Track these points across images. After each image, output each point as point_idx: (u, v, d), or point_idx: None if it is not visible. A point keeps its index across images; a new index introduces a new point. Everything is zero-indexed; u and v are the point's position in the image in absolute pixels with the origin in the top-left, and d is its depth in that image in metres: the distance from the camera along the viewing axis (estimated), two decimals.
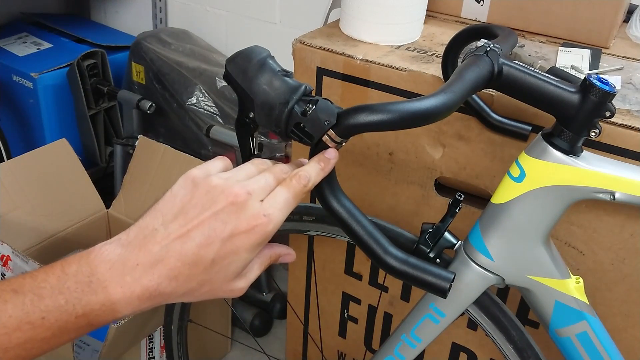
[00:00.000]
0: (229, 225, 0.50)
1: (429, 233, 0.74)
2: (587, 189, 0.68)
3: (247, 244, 0.50)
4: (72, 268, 0.47)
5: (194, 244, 0.49)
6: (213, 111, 1.67)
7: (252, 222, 0.50)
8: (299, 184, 0.54)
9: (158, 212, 0.51)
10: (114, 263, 0.48)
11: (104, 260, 0.48)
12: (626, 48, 1.04)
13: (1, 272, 1.22)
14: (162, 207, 0.51)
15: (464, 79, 0.61)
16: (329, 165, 0.57)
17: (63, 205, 1.53)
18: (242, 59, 0.60)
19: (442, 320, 0.80)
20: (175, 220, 0.50)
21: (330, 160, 0.57)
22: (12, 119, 1.86)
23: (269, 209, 0.52)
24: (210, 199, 0.51)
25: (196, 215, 0.50)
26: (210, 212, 0.50)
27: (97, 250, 0.49)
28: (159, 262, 0.48)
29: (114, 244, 0.49)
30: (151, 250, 0.49)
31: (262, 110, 0.59)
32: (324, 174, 0.57)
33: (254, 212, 0.51)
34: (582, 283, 0.75)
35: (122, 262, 0.48)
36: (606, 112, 0.65)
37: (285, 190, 0.54)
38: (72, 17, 2.18)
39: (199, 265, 0.49)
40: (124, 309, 0.48)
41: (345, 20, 1.04)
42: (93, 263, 0.48)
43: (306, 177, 0.55)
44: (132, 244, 0.49)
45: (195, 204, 0.50)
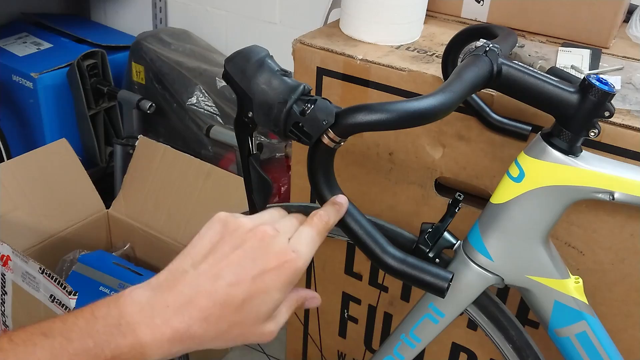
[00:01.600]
0: (259, 262, 0.49)
1: (429, 233, 0.74)
2: (587, 189, 0.68)
3: (278, 282, 0.50)
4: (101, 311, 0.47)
5: (225, 282, 0.48)
6: (213, 111, 1.68)
7: (281, 258, 0.50)
8: (321, 221, 0.55)
9: (187, 254, 0.51)
10: (143, 305, 0.47)
11: (133, 302, 0.47)
12: (626, 48, 1.03)
13: (1, 272, 1.22)
14: (191, 250, 0.51)
15: (463, 79, 0.61)
16: (343, 208, 0.60)
17: (63, 205, 1.54)
18: (241, 59, 0.60)
19: (442, 320, 0.80)
20: (205, 261, 0.50)
21: (342, 205, 0.60)
22: (12, 119, 1.86)
23: (297, 246, 0.52)
24: (239, 237, 0.51)
25: (225, 254, 0.50)
26: (239, 250, 0.50)
27: (127, 293, 0.48)
28: (190, 303, 0.48)
29: (144, 287, 0.49)
30: (181, 291, 0.48)
31: (261, 109, 0.59)
32: (340, 215, 0.59)
33: (283, 249, 0.51)
34: (581, 283, 0.75)
35: (152, 305, 0.47)
36: (605, 112, 0.65)
37: (309, 228, 0.54)
38: (72, 17, 2.18)
39: (230, 305, 0.48)
40: (153, 353, 0.47)
41: (345, 20, 1.04)
42: (122, 306, 0.47)
43: (326, 215, 0.56)
44: (161, 286, 0.49)
45: (224, 243, 0.50)
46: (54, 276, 1.09)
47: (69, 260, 1.51)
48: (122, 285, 1.43)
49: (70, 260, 1.51)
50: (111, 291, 1.42)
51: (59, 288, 1.08)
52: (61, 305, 1.09)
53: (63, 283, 1.07)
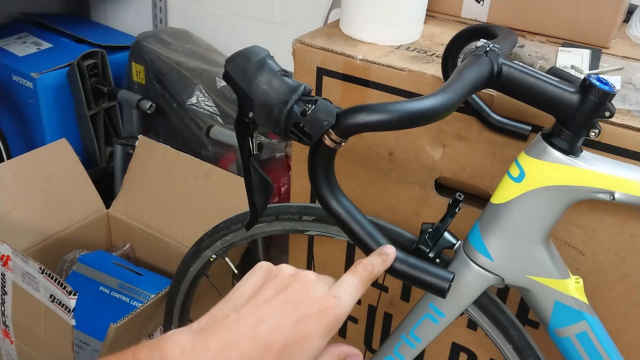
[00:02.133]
0: (301, 307, 0.49)
1: (429, 233, 0.74)
2: (587, 189, 0.68)
3: (319, 328, 0.49)
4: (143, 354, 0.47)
5: (266, 327, 0.48)
6: (213, 111, 1.68)
7: (322, 303, 0.50)
8: (365, 270, 0.55)
9: (229, 299, 0.51)
10: (184, 349, 0.47)
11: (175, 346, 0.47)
12: (626, 48, 1.03)
13: (1, 272, 1.22)
14: (233, 295, 0.51)
15: (464, 79, 0.61)
16: (389, 259, 0.59)
17: (63, 205, 1.54)
18: (242, 59, 0.60)
19: (442, 320, 0.80)
20: (247, 305, 0.50)
21: (389, 255, 0.59)
22: (12, 119, 1.86)
23: (338, 292, 0.52)
24: (282, 282, 0.51)
25: (268, 298, 0.50)
26: (281, 294, 0.50)
27: (168, 337, 0.48)
28: (231, 347, 0.47)
29: (185, 331, 0.49)
30: (222, 334, 0.48)
31: (262, 110, 0.59)
32: (385, 266, 0.59)
33: (324, 294, 0.51)
34: (581, 283, 0.75)
35: (193, 348, 0.47)
36: (606, 112, 0.65)
37: (352, 275, 0.54)
38: (72, 17, 2.18)
39: (271, 349, 0.48)
40: None
41: (345, 20, 1.04)
42: (163, 349, 0.47)
43: (370, 264, 0.56)
44: (203, 329, 0.49)
45: (267, 288, 0.50)
46: (54, 276, 1.08)
47: (69, 260, 1.51)
48: (122, 285, 1.43)
49: (70, 260, 1.51)
50: (111, 291, 1.42)
51: (59, 288, 1.08)
52: (61, 305, 1.09)
53: (63, 283, 1.07)
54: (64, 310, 1.09)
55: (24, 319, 1.24)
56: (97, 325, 1.31)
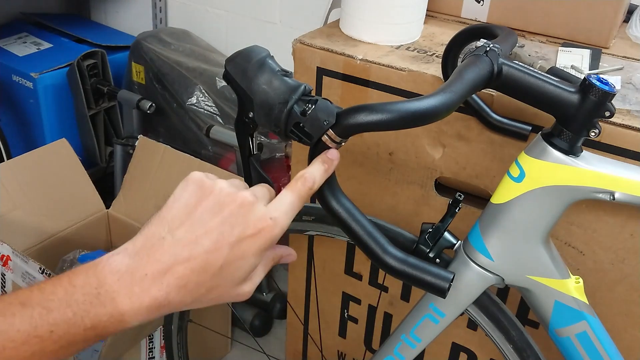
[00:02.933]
0: (237, 229, 0.49)
1: (429, 233, 0.74)
2: (587, 189, 0.68)
3: (254, 248, 0.50)
4: (79, 279, 0.47)
5: (202, 249, 0.48)
6: (213, 111, 1.68)
7: (258, 225, 0.50)
8: (304, 186, 0.54)
9: (163, 219, 0.50)
10: (122, 274, 0.47)
11: (112, 271, 0.47)
12: (626, 48, 1.03)
13: (1, 272, 1.22)
14: (167, 214, 0.51)
15: (464, 79, 0.61)
16: (332, 166, 0.57)
17: (63, 205, 1.54)
18: (242, 59, 0.60)
19: (442, 320, 0.80)
20: (182, 227, 0.49)
21: (333, 161, 0.57)
22: (12, 119, 1.86)
23: (275, 212, 0.51)
24: (217, 202, 0.50)
25: (203, 220, 0.49)
26: (218, 217, 0.49)
27: (105, 261, 0.48)
28: (168, 271, 0.48)
29: (122, 255, 0.48)
30: (159, 259, 0.48)
31: (262, 109, 0.59)
32: (327, 175, 0.57)
33: (260, 216, 0.50)
34: (581, 283, 0.75)
35: (130, 273, 0.47)
36: (606, 112, 0.65)
37: (289, 193, 0.53)
38: (72, 17, 2.18)
39: (208, 271, 0.48)
40: (132, 320, 0.47)
41: (345, 20, 1.04)
42: (101, 274, 0.47)
43: (311, 179, 0.55)
44: (139, 253, 0.48)
45: (202, 208, 0.50)
46: (53, 276, 1.08)
47: (69, 260, 1.51)
48: None
49: (70, 260, 1.51)
50: None
51: None
52: None
53: None
54: None
55: None
56: None
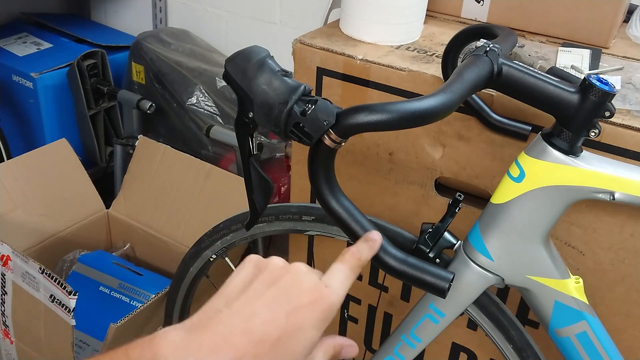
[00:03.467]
0: (293, 299, 0.49)
1: (429, 233, 0.74)
2: (587, 189, 0.68)
3: (312, 319, 0.49)
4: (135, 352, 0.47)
5: (259, 320, 0.47)
6: (213, 111, 1.68)
7: (315, 293, 0.50)
8: (353, 257, 0.55)
9: (220, 295, 0.50)
10: (177, 346, 0.46)
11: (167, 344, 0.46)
12: (626, 48, 1.03)
13: (1, 272, 1.22)
14: (224, 290, 0.51)
15: (464, 79, 0.61)
16: (376, 245, 0.59)
17: (63, 205, 1.54)
18: (242, 59, 0.60)
19: (442, 320, 0.80)
20: (239, 299, 0.49)
21: (376, 241, 0.59)
22: (12, 119, 1.86)
23: (330, 281, 0.52)
24: (272, 274, 0.51)
25: (259, 291, 0.49)
26: (273, 287, 0.49)
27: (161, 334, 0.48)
28: (224, 342, 0.46)
29: (178, 329, 0.48)
30: (215, 330, 0.47)
31: (262, 110, 0.59)
32: (372, 252, 0.58)
33: (316, 284, 0.50)
34: (581, 283, 0.75)
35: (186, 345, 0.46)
36: (606, 112, 0.65)
37: (341, 264, 0.54)
38: (72, 17, 2.18)
39: (265, 343, 0.47)
40: None
41: (345, 20, 1.04)
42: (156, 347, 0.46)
43: (358, 252, 0.56)
44: (195, 326, 0.48)
45: (258, 281, 0.50)
46: (54, 276, 1.08)
47: (69, 260, 1.51)
48: (122, 285, 1.43)
49: (70, 260, 1.51)
50: (111, 291, 1.42)
51: (59, 288, 1.08)
52: (61, 305, 1.09)
53: (63, 283, 1.07)
54: (64, 310, 1.09)
55: (24, 319, 1.24)
56: (97, 325, 1.31)
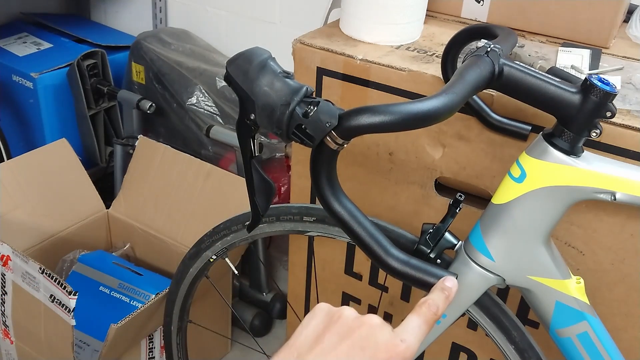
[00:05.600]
0: (368, 352, 0.48)
1: (430, 234, 0.74)
2: (588, 190, 0.68)
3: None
4: None
5: None
6: (213, 111, 1.68)
7: (390, 348, 0.49)
8: (429, 310, 0.54)
9: (292, 346, 0.49)
10: None
11: None
12: (626, 48, 1.04)
13: (1, 272, 1.22)
14: (295, 341, 0.50)
15: (465, 80, 0.61)
16: (452, 294, 0.57)
17: (63, 205, 1.53)
18: (243, 61, 0.60)
19: (443, 321, 0.80)
20: (312, 352, 0.48)
21: (452, 289, 0.57)
22: (12, 119, 1.86)
23: (405, 335, 0.50)
24: (345, 326, 0.49)
25: (333, 344, 0.48)
26: (347, 340, 0.48)
27: None
28: None
29: None
30: None
31: (264, 111, 0.59)
32: (449, 302, 0.57)
33: (390, 338, 0.49)
34: (582, 283, 0.75)
35: None
36: (607, 113, 0.65)
37: (416, 317, 0.53)
38: (72, 17, 2.18)
39: None
40: None
41: (345, 20, 1.04)
42: None
43: (435, 304, 0.54)
44: None
45: (330, 332, 0.49)
46: (54, 276, 1.08)
47: (69, 260, 1.51)
48: (122, 285, 1.43)
49: (70, 260, 1.51)
50: (111, 291, 1.42)
51: (59, 288, 1.08)
52: (61, 306, 1.09)
53: (63, 283, 1.07)
54: (64, 310, 1.09)
55: (24, 319, 1.24)
56: (97, 325, 1.31)
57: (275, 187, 0.69)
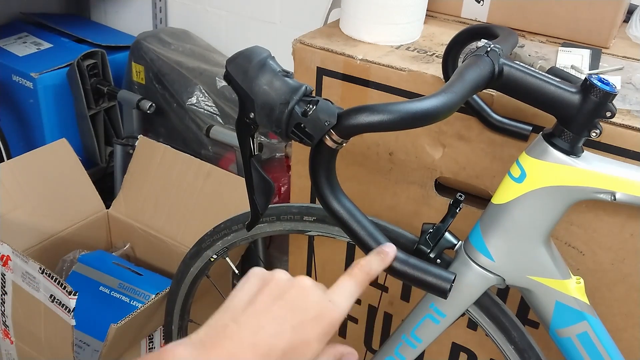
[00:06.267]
0: (298, 312, 0.49)
1: (430, 233, 0.74)
2: (588, 190, 0.68)
3: (316, 333, 0.50)
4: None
5: (266, 334, 0.48)
6: (213, 111, 1.68)
7: (319, 308, 0.50)
8: (361, 271, 0.55)
9: (226, 308, 0.51)
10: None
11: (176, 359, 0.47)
12: (626, 48, 1.03)
13: (1, 272, 1.22)
14: (230, 303, 0.51)
15: (465, 80, 0.61)
16: (388, 258, 0.58)
17: (63, 205, 1.54)
18: (243, 60, 0.60)
19: (443, 321, 0.80)
20: (245, 313, 0.49)
21: (388, 254, 0.58)
22: (12, 119, 1.86)
23: (334, 296, 0.52)
24: (278, 288, 0.51)
25: (266, 305, 0.50)
26: (278, 301, 0.50)
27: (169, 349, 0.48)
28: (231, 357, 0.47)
29: (185, 344, 0.48)
30: (223, 345, 0.48)
31: (263, 110, 0.59)
32: (384, 265, 0.58)
33: (320, 299, 0.51)
34: (582, 283, 0.75)
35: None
36: (607, 113, 0.65)
37: (348, 278, 0.54)
38: (72, 17, 2.18)
39: (272, 356, 0.48)
40: None
41: (345, 20, 1.04)
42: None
43: (367, 266, 0.55)
44: (203, 341, 0.48)
45: (264, 295, 0.50)
46: (54, 276, 1.08)
47: (69, 260, 1.51)
48: (122, 285, 1.43)
49: (70, 260, 1.51)
50: (111, 291, 1.42)
51: (59, 288, 1.08)
52: (61, 306, 1.09)
53: (63, 283, 1.07)
54: (64, 310, 1.09)
55: (24, 319, 1.24)
56: (97, 325, 1.31)
57: (274, 186, 0.69)
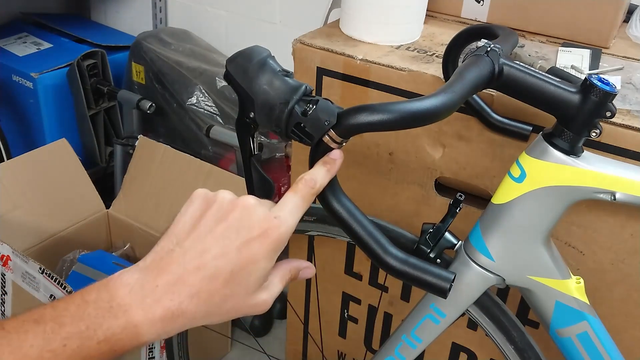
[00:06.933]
0: (242, 232, 0.50)
1: (430, 233, 0.74)
2: (588, 189, 0.68)
3: (263, 250, 0.50)
4: (91, 295, 0.47)
5: (211, 256, 0.49)
6: (213, 111, 1.68)
7: (263, 225, 0.50)
8: (306, 186, 0.54)
9: (171, 234, 0.51)
10: (132, 287, 0.47)
11: (123, 285, 0.48)
12: (626, 48, 1.03)
13: (1, 272, 1.22)
14: (174, 228, 0.51)
15: (465, 79, 0.61)
16: (334, 166, 0.57)
17: (63, 205, 1.54)
18: (243, 59, 0.60)
19: (443, 321, 0.80)
20: (189, 237, 0.50)
21: (335, 161, 0.57)
22: (12, 119, 1.86)
23: (279, 212, 0.52)
24: (220, 210, 0.51)
25: (209, 227, 0.50)
26: (222, 222, 0.50)
27: (116, 277, 0.49)
28: (178, 281, 0.48)
29: (132, 270, 0.49)
30: (169, 270, 0.48)
31: (263, 110, 0.59)
32: (330, 176, 0.57)
33: (265, 216, 0.51)
34: (582, 283, 0.75)
35: (141, 285, 0.48)
36: (607, 113, 0.65)
37: (292, 194, 0.54)
38: (72, 17, 2.18)
39: (219, 278, 0.48)
40: (147, 333, 0.47)
41: (345, 20, 1.04)
42: (112, 289, 0.47)
43: (312, 180, 0.55)
44: (149, 267, 0.49)
45: (207, 217, 0.51)
46: (54, 276, 1.08)
47: (69, 260, 1.51)
48: None
49: (70, 260, 1.51)
50: None
51: (59, 288, 1.08)
52: None
53: (63, 283, 1.07)
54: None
55: None
56: None
57: (274, 186, 0.69)
